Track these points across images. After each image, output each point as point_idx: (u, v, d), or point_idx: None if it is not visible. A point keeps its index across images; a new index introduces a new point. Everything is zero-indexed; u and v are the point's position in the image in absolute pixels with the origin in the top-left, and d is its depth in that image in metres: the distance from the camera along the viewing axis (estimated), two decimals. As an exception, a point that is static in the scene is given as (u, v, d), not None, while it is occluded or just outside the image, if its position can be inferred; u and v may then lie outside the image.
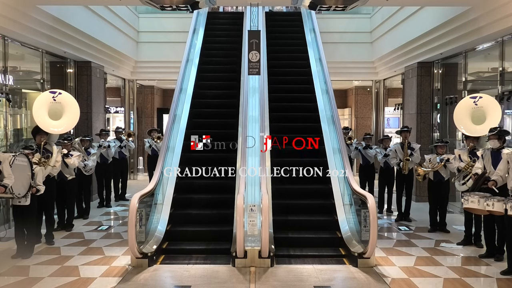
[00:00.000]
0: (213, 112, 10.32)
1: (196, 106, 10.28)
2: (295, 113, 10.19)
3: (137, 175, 15.65)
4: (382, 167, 9.85)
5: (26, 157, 6.64)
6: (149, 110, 16.70)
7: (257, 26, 8.85)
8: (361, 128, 15.84)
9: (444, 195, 8.38)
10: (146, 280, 5.89)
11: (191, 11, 7.73)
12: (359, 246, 6.61)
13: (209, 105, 10.56)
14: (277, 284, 5.73)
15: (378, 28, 13.37)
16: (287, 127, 9.76)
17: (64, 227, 8.40)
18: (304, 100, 10.58)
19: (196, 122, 9.93)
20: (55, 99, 7.78)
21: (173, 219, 7.49)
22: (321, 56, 11.06)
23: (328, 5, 7.61)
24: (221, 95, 10.82)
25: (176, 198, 7.87)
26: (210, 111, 10.38)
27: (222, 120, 10.04)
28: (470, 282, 5.82)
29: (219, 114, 10.23)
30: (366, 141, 10.47)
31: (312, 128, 9.68)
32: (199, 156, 9.13)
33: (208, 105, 10.57)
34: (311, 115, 10.04)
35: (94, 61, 11.28)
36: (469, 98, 7.76)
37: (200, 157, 9.11)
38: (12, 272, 6.11)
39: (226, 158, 8.81)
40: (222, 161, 8.54)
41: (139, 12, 14.07)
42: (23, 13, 7.80)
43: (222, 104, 10.54)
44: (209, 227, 7.42)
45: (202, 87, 10.93)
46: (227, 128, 9.75)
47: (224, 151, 9.10)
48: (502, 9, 7.38)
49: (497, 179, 6.26)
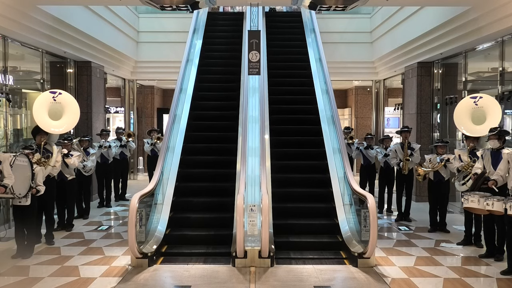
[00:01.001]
0: (213, 112, 10.31)
1: (196, 106, 10.28)
2: (295, 115, 10.18)
3: (137, 175, 15.66)
4: (382, 167, 9.86)
5: (26, 157, 6.64)
6: (149, 110, 16.71)
7: (257, 26, 8.85)
8: (361, 128, 15.85)
9: (444, 195, 8.38)
10: (146, 280, 5.89)
11: (191, 11, 7.73)
12: (359, 246, 6.60)
13: (209, 106, 10.56)
14: (277, 284, 5.73)
15: (378, 28, 13.37)
16: (287, 127, 9.78)
17: (64, 227, 8.40)
18: (304, 100, 10.57)
19: (196, 122, 9.94)
20: (55, 99, 7.78)
21: (172, 223, 7.43)
22: (321, 56, 11.06)
23: (328, 5, 7.61)
24: (221, 95, 10.81)
25: (175, 201, 7.83)
26: (210, 111, 10.38)
27: (222, 121, 10.03)
28: (470, 282, 5.82)
29: (219, 115, 10.22)
30: (367, 141, 10.47)
31: (312, 128, 9.69)
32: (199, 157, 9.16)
33: (208, 105, 10.56)
34: (311, 115, 10.05)
35: (94, 61, 11.28)
36: (469, 98, 7.76)
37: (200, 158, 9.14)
38: (12, 272, 6.11)
39: (226, 159, 8.83)
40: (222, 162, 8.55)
41: (139, 12, 14.07)
42: (23, 13, 7.80)
43: (222, 104, 10.53)
44: (208, 231, 7.33)
45: (202, 87, 10.93)
46: (227, 128, 9.74)
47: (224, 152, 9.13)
48: (502, 9, 7.38)
49: (497, 179, 6.27)
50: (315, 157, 9.03)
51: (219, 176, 8.54)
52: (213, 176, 8.60)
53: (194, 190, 8.33)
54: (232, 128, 9.56)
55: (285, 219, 7.55)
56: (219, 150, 9.26)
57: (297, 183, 8.48)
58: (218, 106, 10.51)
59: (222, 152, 9.19)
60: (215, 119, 10.11)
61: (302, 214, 7.78)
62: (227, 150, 9.15)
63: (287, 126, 9.84)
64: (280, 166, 8.65)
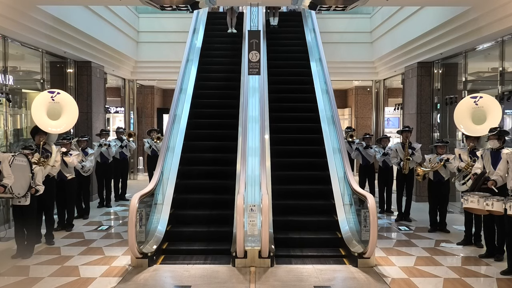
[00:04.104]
0: (213, 112, 10.32)
1: (196, 106, 10.29)
2: (295, 113, 10.19)
3: (137, 175, 15.65)
4: (381, 166, 9.86)
5: (25, 157, 6.64)
6: (149, 110, 16.71)
7: (257, 26, 8.85)
8: (361, 128, 15.84)
9: (444, 195, 8.38)
10: (146, 280, 5.89)
11: (191, 11, 7.73)
12: (359, 246, 6.61)
13: (209, 105, 10.56)
14: (277, 284, 5.73)
15: (378, 28, 13.37)
16: (287, 127, 9.78)
17: (64, 227, 8.40)
18: (304, 100, 10.57)
19: (196, 122, 9.94)
20: (54, 99, 7.76)
21: (173, 220, 7.49)
22: (321, 56, 11.06)
23: (328, 5, 7.61)
24: (221, 95, 10.81)
25: (176, 198, 7.86)
26: (210, 111, 10.38)
27: (222, 120, 10.03)
28: (470, 282, 5.82)
29: (219, 114, 10.23)
30: (366, 141, 10.48)
31: (312, 128, 9.69)
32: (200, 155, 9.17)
33: (208, 105, 10.57)
34: (311, 115, 10.05)
35: (94, 61, 11.28)
36: (470, 98, 7.75)
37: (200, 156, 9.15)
38: (12, 272, 6.11)
39: (227, 156, 8.83)
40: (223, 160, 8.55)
41: (139, 12, 14.07)
42: (23, 13, 7.80)
43: (222, 104, 10.54)
44: (208, 227, 7.41)
45: (202, 87, 10.94)
46: (228, 126, 9.75)
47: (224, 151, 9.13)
48: (502, 9, 7.38)
49: (497, 179, 6.26)
50: (315, 155, 9.07)
51: (220, 173, 8.56)
52: (213, 173, 8.62)
53: (194, 187, 8.36)
54: (233, 126, 9.58)
55: (284, 216, 7.60)
56: (220, 148, 9.28)
57: (297, 180, 8.55)
58: (218, 104, 10.52)
59: (223, 150, 9.20)
60: (216, 117, 10.13)
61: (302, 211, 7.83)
62: (227, 148, 9.16)
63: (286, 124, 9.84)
64: (280, 164, 8.70)
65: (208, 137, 9.61)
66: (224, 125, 9.88)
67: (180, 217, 7.63)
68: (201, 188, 8.33)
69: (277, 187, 8.00)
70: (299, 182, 8.54)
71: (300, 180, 8.58)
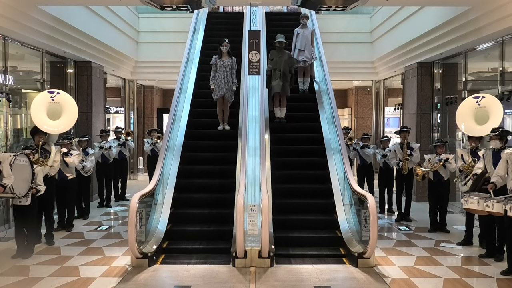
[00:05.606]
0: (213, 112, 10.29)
1: (196, 106, 10.29)
2: (295, 113, 10.19)
3: (137, 175, 15.65)
4: (382, 167, 9.87)
5: (26, 157, 6.64)
6: (149, 110, 16.71)
7: (257, 26, 8.84)
8: (361, 128, 15.84)
9: (444, 195, 8.37)
10: (146, 280, 5.89)
11: (191, 11, 7.74)
12: (359, 246, 6.61)
13: (209, 105, 10.54)
14: (277, 284, 5.73)
15: (378, 28, 13.37)
16: (287, 127, 9.77)
17: (64, 227, 8.40)
18: (304, 100, 10.57)
19: (196, 122, 9.94)
20: (53, 99, 7.74)
21: (173, 219, 7.49)
22: (321, 56, 11.07)
23: (328, 5, 7.61)
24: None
25: (176, 197, 7.87)
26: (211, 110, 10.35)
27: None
28: (470, 282, 5.82)
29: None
30: (363, 141, 10.50)
31: (312, 128, 9.69)
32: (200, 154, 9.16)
33: (209, 104, 10.55)
34: (311, 115, 10.05)
35: (94, 61, 11.28)
36: (472, 98, 7.71)
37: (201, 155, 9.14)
38: (12, 272, 6.11)
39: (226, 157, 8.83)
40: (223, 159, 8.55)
41: (139, 12, 14.07)
42: (23, 13, 7.80)
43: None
44: (208, 226, 7.42)
45: (202, 87, 10.92)
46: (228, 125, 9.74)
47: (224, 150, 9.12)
48: (502, 9, 7.38)
49: (496, 181, 6.23)
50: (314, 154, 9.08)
51: (220, 172, 8.57)
52: (213, 172, 8.63)
53: (194, 187, 8.37)
54: (233, 125, 9.59)
55: (284, 215, 7.61)
56: (220, 147, 9.28)
57: (297, 179, 8.57)
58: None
59: (223, 149, 9.21)
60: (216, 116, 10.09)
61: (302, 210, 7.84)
62: (227, 147, 9.16)
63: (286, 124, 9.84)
64: (280, 162, 8.72)
65: (208, 136, 9.61)
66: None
67: (180, 216, 7.64)
68: (201, 187, 8.34)
69: (276, 186, 8.00)
70: (299, 181, 8.54)
71: (300, 179, 8.58)
